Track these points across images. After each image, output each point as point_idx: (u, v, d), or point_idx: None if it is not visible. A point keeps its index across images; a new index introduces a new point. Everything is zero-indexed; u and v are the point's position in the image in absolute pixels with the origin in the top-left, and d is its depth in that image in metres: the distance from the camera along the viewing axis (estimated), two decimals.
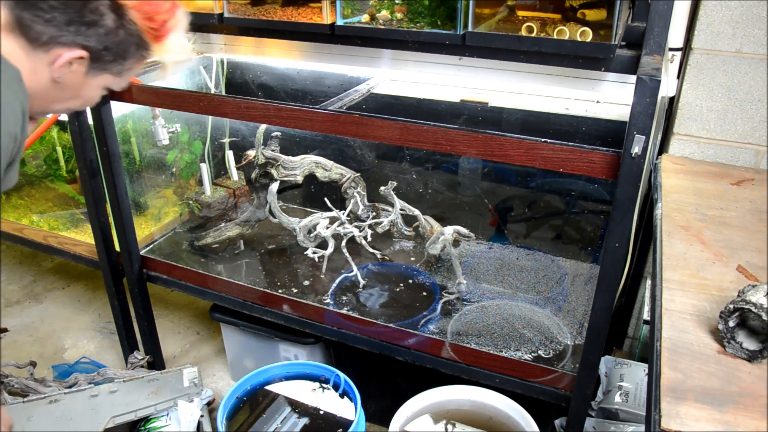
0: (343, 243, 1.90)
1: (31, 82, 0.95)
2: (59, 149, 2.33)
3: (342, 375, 1.71)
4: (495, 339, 1.66)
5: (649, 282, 1.82)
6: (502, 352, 1.60)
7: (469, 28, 1.34)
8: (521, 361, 1.57)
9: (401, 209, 1.90)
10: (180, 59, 1.09)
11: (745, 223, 1.23)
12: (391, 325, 1.69)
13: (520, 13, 1.43)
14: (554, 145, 1.27)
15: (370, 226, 1.92)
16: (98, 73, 1.01)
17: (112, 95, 1.74)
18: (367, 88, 1.78)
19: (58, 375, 2.16)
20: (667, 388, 0.84)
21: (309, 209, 2.35)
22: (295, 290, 1.90)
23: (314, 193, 2.35)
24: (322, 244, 1.95)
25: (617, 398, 1.59)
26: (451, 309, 1.80)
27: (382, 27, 1.46)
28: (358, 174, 1.96)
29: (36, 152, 2.40)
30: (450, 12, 1.39)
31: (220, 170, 2.34)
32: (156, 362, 2.21)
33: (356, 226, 1.91)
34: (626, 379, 1.64)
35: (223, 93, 2.24)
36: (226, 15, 1.62)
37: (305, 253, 1.94)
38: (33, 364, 1.97)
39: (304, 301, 1.81)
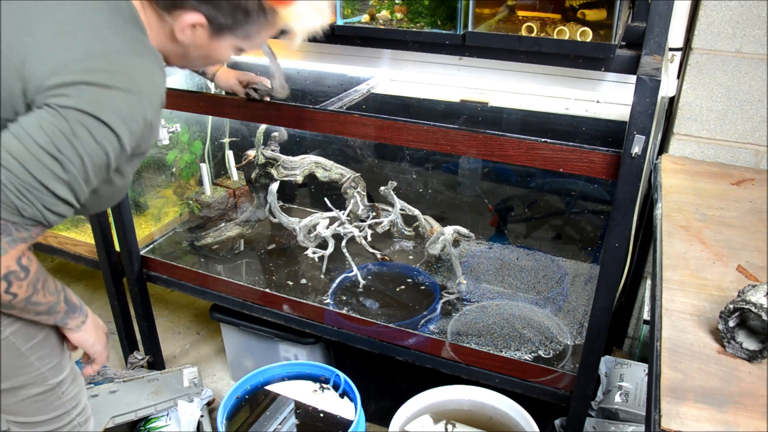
0: (343, 243, 1.91)
1: (165, 43, 1.03)
2: None
3: (342, 375, 1.71)
4: (495, 339, 1.66)
5: (649, 282, 1.82)
6: (502, 352, 1.60)
7: (469, 28, 1.34)
8: (521, 361, 1.57)
9: (401, 209, 1.90)
10: (312, 27, 1.06)
11: (745, 223, 1.23)
12: (391, 325, 1.69)
13: (520, 13, 1.43)
14: (554, 145, 1.27)
15: (370, 226, 1.92)
16: (222, 37, 1.02)
17: None
18: (367, 88, 1.78)
19: None
20: (667, 388, 0.84)
21: (309, 209, 2.35)
22: (295, 290, 1.90)
23: (314, 193, 2.35)
24: (322, 244, 1.95)
25: (617, 398, 1.59)
26: (451, 309, 1.80)
27: (382, 27, 1.46)
28: (358, 174, 1.96)
29: None
30: (450, 12, 1.39)
31: (220, 170, 2.34)
32: (156, 362, 2.21)
33: (356, 226, 1.91)
34: (626, 379, 1.64)
35: (223, 93, 2.24)
36: None
37: (305, 253, 1.94)
38: None
39: (304, 301, 1.81)
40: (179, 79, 2.14)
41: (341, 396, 1.71)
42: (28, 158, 0.86)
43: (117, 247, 2.00)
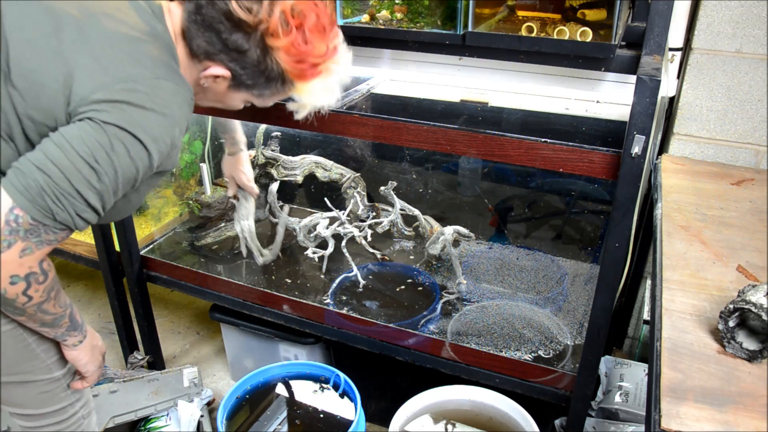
0: (343, 243, 1.91)
1: (188, 80, 1.09)
2: None
3: (342, 375, 1.71)
4: (495, 339, 1.66)
5: (649, 282, 1.82)
6: (502, 352, 1.60)
7: (469, 28, 1.34)
8: (521, 361, 1.57)
9: (401, 209, 1.90)
10: (320, 104, 1.16)
11: (745, 223, 1.23)
12: (391, 325, 1.69)
13: (520, 13, 1.43)
14: (554, 145, 1.27)
15: (370, 226, 1.92)
16: (239, 90, 1.12)
17: None
18: (367, 88, 1.78)
19: None
20: (667, 388, 0.84)
21: (309, 209, 2.35)
22: (295, 290, 1.90)
23: (314, 193, 2.35)
24: (322, 244, 1.95)
25: (617, 398, 1.59)
26: (451, 309, 1.80)
27: (382, 27, 1.46)
28: (358, 174, 1.96)
29: None
30: (450, 12, 1.39)
31: (220, 170, 2.34)
32: (156, 362, 2.21)
33: (356, 226, 1.91)
34: (626, 379, 1.64)
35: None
36: None
37: (305, 253, 1.94)
38: None
39: (304, 301, 1.81)
40: None
41: (341, 396, 1.71)
42: (67, 166, 0.92)
43: (117, 247, 2.00)
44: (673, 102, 1.57)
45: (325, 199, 1.90)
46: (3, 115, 0.93)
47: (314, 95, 1.13)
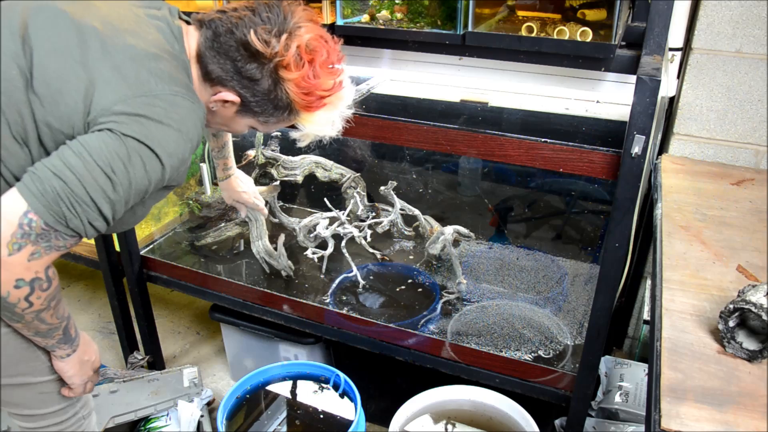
0: (343, 243, 1.91)
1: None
2: None
3: (342, 375, 1.71)
4: (495, 339, 1.66)
5: (649, 282, 1.82)
6: (502, 352, 1.60)
7: (469, 28, 1.34)
8: (521, 361, 1.57)
9: (401, 209, 1.90)
10: (321, 134, 1.21)
11: (745, 223, 1.23)
12: (391, 325, 1.69)
13: (520, 13, 1.43)
14: (554, 145, 1.27)
15: (370, 226, 1.92)
16: (246, 116, 1.15)
17: None
18: (367, 88, 1.78)
19: None
20: (667, 388, 0.84)
21: (309, 209, 2.35)
22: (295, 290, 1.90)
23: (314, 193, 2.35)
24: (322, 245, 1.95)
25: (617, 398, 1.59)
26: (451, 309, 1.80)
27: (382, 27, 1.46)
28: (358, 174, 1.96)
29: None
30: (450, 12, 1.39)
31: None
32: (156, 362, 2.21)
33: (356, 226, 1.91)
34: (626, 379, 1.64)
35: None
36: None
37: (305, 253, 1.94)
38: None
39: (304, 301, 1.81)
40: None
41: (341, 396, 1.71)
42: (85, 174, 0.94)
43: (117, 247, 2.00)
44: (673, 102, 1.57)
45: (325, 199, 1.90)
46: (21, 120, 0.95)
47: (317, 126, 1.17)
